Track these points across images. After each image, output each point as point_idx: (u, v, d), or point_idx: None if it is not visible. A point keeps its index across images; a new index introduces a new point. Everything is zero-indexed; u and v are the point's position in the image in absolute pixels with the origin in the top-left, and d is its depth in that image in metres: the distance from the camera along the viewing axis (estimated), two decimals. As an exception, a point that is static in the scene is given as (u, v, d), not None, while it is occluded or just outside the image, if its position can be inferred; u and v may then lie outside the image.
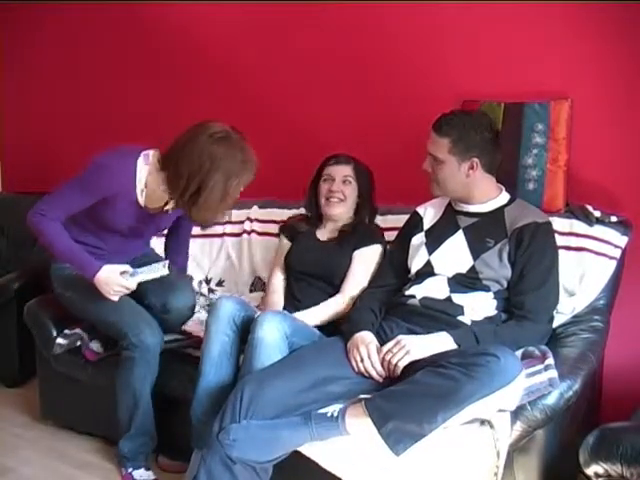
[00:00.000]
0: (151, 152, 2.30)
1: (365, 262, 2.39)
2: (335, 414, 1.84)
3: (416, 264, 2.22)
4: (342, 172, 2.47)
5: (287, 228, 2.62)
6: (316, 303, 2.35)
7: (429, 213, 2.30)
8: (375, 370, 1.99)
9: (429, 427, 1.74)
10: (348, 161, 2.49)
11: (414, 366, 1.90)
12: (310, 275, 2.43)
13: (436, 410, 1.74)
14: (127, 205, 2.29)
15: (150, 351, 2.28)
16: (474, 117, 2.18)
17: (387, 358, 1.97)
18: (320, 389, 1.94)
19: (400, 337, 2.00)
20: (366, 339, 2.04)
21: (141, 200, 2.30)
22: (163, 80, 3.33)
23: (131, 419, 2.32)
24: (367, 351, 2.01)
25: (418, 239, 2.26)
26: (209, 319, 2.18)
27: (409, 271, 2.25)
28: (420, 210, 2.33)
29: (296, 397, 1.91)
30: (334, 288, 2.39)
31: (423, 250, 2.22)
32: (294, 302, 2.41)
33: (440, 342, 1.96)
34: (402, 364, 1.94)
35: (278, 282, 2.52)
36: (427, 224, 2.28)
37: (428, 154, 2.17)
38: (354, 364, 2.01)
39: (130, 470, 2.33)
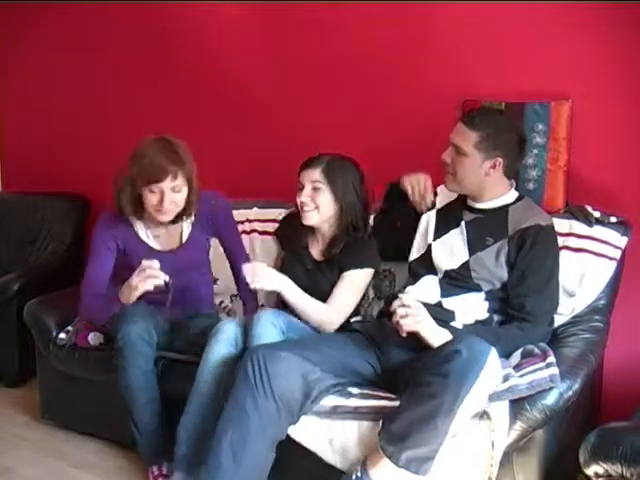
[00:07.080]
0: None
1: (352, 285, 2.30)
2: (359, 474, 1.83)
3: (418, 245, 2.25)
4: (310, 177, 2.27)
5: (281, 233, 2.56)
6: None
7: (443, 193, 2.30)
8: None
9: (438, 441, 1.76)
10: (319, 163, 2.28)
11: (411, 365, 1.93)
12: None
13: (435, 428, 1.74)
14: None
15: None
16: (506, 117, 2.19)
17: (400, 313, 1.92)
18: (330, 363, 1.98)
19: (420, 305, 1.98)
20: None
21: None
22: (163, 82, 3.33)
23: None
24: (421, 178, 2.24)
25: (429, 215, 2.28)
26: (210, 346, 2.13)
27: (412, 240, 2.28)
28: (437, 188, 2.32)
29: (307, 366, 1.93)
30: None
31: (431, 230, 2.24)
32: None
33: (442, 338, 1.94)
34: (407, 329, 1.92)
35: None
36: (439, 204, 2.29)
37: (451, 144, 2.13)
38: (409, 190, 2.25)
39: None
